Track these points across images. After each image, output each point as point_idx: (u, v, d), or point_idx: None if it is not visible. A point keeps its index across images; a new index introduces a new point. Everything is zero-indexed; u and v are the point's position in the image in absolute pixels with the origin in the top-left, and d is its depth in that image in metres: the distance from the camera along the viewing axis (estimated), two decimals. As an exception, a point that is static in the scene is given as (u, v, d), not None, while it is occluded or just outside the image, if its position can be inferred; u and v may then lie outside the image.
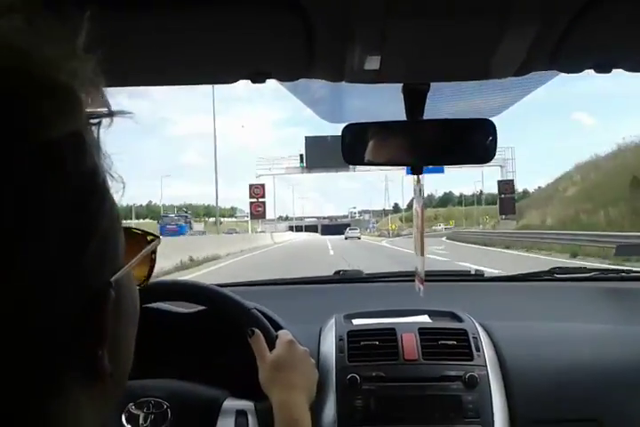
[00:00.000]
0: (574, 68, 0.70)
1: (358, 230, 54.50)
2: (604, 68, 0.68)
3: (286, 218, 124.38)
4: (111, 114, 0.31)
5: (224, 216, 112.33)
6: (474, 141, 0.86)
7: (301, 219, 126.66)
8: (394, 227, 45.28)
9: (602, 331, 1.18)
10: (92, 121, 0.31)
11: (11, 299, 0.25)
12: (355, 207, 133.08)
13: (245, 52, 0.69)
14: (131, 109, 0.32)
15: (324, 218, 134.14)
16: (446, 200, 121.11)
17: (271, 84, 0.76)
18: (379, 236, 51.82)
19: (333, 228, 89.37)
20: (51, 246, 0.27)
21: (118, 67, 0.74)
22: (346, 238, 43.49)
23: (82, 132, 0.29)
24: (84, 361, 0.29)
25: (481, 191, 74.92)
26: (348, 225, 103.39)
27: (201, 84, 0.77)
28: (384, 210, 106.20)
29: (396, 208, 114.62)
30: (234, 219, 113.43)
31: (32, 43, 0.26)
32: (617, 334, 1.18)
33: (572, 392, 1.03)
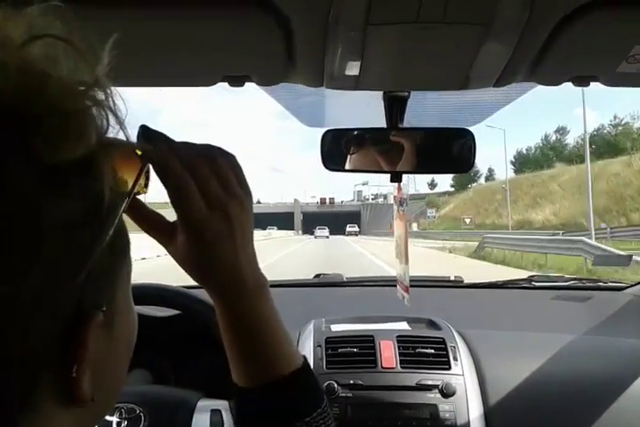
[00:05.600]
0: (553, 80, 0.70)
1: (327, 230, 45.89)
2: (582, 81, 0.69)
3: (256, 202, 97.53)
4: (129, 144, 0.31)
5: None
6: (453, 151, 0.86)
7: (283, 204, 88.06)
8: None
9: (576, 342, 1.19)
10: (110, 148, 0.30)
11: None
12: (366, 183, 75.88)
13: (223, 55, 0.68)
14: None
15: (308, 204, 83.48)
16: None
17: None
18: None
19: (327, 219, 56.68)
20: (39, 265, 0.26)
21: None
22: (315, 237, 42.17)
23: (94, 157, 0.28)
24: (61, 382, 0.29)
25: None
26: (357, 214, 66.39)
27: (177, 86, 0.75)
28: (428, 194, 59.18)
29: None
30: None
31: (56, 67, 0.26)
32: (590, 345, 1.19)
33: (545, 404, 1.03)
